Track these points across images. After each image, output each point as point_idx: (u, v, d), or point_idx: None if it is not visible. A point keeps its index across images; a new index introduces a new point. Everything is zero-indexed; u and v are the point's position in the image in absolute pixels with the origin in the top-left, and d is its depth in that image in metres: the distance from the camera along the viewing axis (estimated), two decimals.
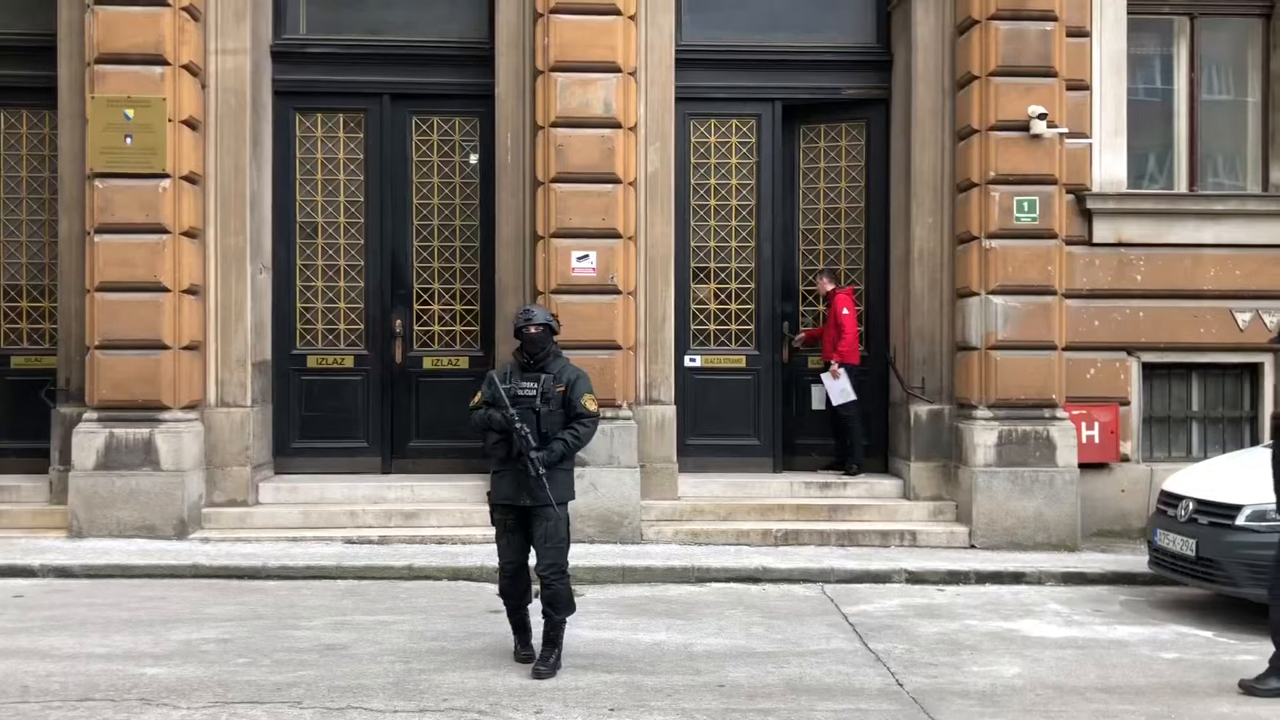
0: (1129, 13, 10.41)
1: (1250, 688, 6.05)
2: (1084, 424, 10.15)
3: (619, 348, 9.61)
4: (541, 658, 6.22)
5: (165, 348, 9.37)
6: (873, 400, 10.67)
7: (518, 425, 6.07)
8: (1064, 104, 9.82)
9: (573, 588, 6.33)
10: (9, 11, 10.25)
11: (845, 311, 10.30)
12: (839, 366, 10.25)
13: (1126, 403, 10.39)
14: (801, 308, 10.98)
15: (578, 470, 9.30)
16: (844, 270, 10.87)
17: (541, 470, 6.07)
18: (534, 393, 6.20)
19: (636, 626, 7.26)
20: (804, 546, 9.45)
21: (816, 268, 10.95)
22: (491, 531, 6.39)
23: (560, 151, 9.57)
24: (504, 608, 6.46)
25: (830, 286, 10.50)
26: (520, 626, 6.45)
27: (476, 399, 6.35)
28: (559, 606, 6.21)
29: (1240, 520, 7.40)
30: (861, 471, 10.43)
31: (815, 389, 10.80)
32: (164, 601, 7.73)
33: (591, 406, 6.31)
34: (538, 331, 6.28)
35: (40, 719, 5.39)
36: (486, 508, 6.41)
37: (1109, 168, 10.38)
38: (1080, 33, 10.16)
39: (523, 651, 6.40)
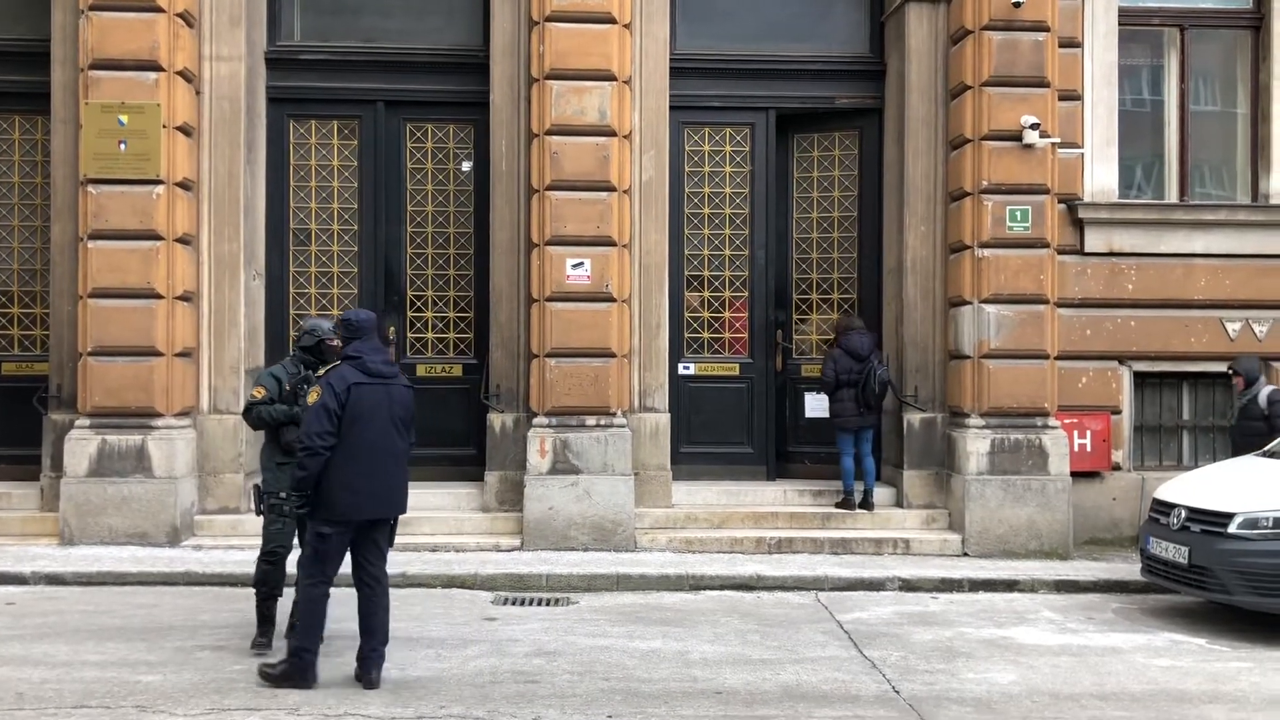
0: (1120, 24, 10.49)
1: None
2: (1076, 432, 10.19)
3: (613, 355, 9.61)
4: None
5: (158, 354, 9.35)
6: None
7: None
8: (1056, 114, 9.88)
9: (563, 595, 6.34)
10: (2, 16, 10.24)
11: None
12: None
13: (1118, 411, 10.43)
14: (795, 315, 11.01)
15: (570, 478, 9.41)
16: (837, 278, 10.91)
17: None
18: None
19: (632, 634, 7.26)
20: (798, 554, 9.47)
21: (810, 277, 10.99)
22: (487, 540, 6.43)
23: (555, 159, 9.58)
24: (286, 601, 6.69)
25: None
26: (269, 618, 6.78)
27: (261, 394, 6.64)
28: None
29: (1232, 528, 7.44)
30: None
31: (809, 397, 10.87)
32: (157, 609, 7.71)
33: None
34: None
35: None
36: (481, 515, 6.44)
37: (1100, 178, 10.44)
38: (1072, 43, 10.24)
39: (262, 639, 6.71)
